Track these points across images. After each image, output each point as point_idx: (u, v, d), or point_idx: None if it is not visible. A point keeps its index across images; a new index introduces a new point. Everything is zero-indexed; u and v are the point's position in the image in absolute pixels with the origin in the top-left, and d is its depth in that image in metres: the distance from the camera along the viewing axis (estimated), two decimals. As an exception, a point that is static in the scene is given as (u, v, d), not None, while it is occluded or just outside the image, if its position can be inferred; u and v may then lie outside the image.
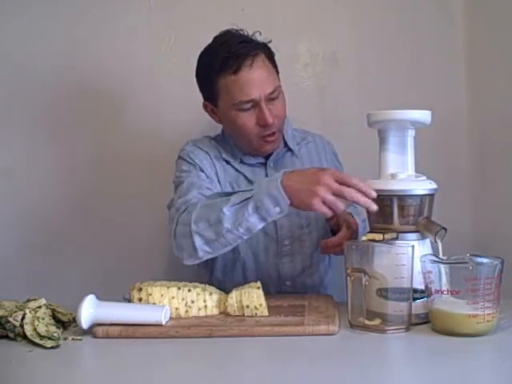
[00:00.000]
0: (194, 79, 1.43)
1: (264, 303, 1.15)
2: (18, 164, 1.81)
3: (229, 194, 1.21)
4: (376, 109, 1.17)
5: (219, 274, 1.46)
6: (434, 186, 1.14)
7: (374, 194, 1.08)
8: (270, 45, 1.40)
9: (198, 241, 1.20)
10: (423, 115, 1.15)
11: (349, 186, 1.08)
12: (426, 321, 1.08)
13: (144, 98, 1.81)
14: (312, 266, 1.45)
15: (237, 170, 1.44)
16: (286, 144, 1.48)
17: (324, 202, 1.08)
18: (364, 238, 1.11)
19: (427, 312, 1.07)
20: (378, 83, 1.80)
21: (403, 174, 1.15)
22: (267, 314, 1.14)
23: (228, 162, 1.44)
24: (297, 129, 1.56)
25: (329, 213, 1.09)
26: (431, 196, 1.14)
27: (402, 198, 1.12)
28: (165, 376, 0.92)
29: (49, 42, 1.79)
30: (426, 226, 1.11)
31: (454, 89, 1.81)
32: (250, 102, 1.33)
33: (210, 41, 1.41)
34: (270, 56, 1.39)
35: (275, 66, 1.41)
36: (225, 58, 1.32)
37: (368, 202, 1.08)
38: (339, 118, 1.81)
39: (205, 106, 1.44)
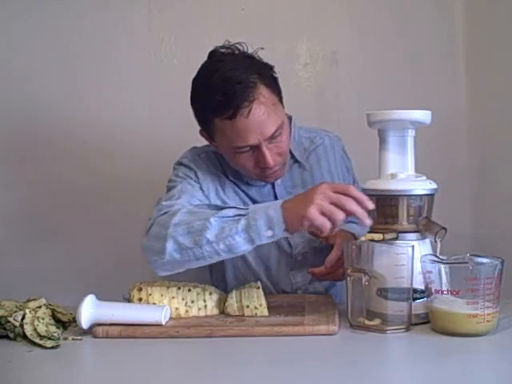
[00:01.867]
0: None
1: (264, 303, 1.15)
2: (19, 171, 1.82)
3: (220, 208, 1.13)
4: (376, 109, 1.17)
5: (233, 285, 1.39)
6: (434, 185, 1.14)
7: (372, 206, 1.04)
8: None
9: (170, 245, 1.11)
10: (423, 115, 1.15)
11: (347, 196, 1.03)
12: (426, 321, 1.07)
13: (144, 98, 1.81)
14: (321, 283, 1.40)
15: (243, 191, 1.36)
16: (293, 155, 1.38)
17: (323, 213, 1.02)
18: (364, 238, 1.11)
19: (427, 312, 1.07)
20: (378, 83, 1.80)
21: (403, 174, 1.15)
22: (267, 314, 1.14)
23: (235, 183, 1.36)
24: (301, 127, 1.46)
25: (326, 224, 1.02)
26: (431, 196, 1.14)
27: (402, 198, 1.12)
28: (165, 376, 0.91)
29: (48, 42, 1.79)
30: (426, 226, 1.11)
31: (454, 89, 1.81)
32: (247, 147, 1.22)
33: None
34: (272, 86, 1.25)
35: (278, 92, 1.27)
36: (220, 101, 1.18)
37: (364, 214, 1.03)
38: (339, 118, 1.81)
39: (201, 133, 1.33)
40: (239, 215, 1.08)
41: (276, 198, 1.35)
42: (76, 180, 1.82)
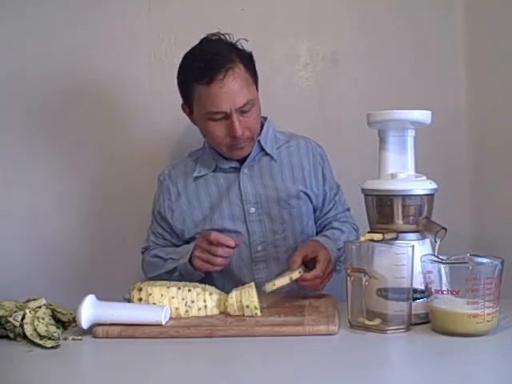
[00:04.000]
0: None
1: (257, 304, 1.15)
2: (18, 165, 1.81)
3: (165, 259, 1.45)
4: (376, 109, 1.17)
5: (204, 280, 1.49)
6: (434, 185, 1.14)
7: (232, 243, 1.28)
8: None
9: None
10: (423, 115, 1.15)
11: (215, 242, 1.27)
12: (426, 321, 1.08)
13: (144, 99, 1.81)
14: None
15: (208, 182, 1.50)
16: (263, 148, 1.49)
17: (204, 261, 1.30)
18: (363, 238, 1.11)
19: (427, 312, 1.07)
20: (378, 83, 1.80)
21: (403, 174, 1.15)
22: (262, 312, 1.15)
23: (198, 177, 1.50)
24: (283, 132, 1.56)
25: (210, 268, 1.30)
26: (431, 196, 1.14)
27: (402, 197, 1.12)
28: (165, 376, 0.92)
29: (48, 43, 1.79)
30: (426, 226, 1.11)
31: (454, 89, 1.81)
32: (220, 114, 1.36)
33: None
34: (249, 67, 1.40)
35: (254, 75, 1.42)
36: (200, 67, 1.34)
37: (229, 251, 1.29)
38: (339, 118, 1.81)
39: (183, 108, 1.48)
40: (174, 268, 1.39)
41: (239, 185, 1.46)
42: (75, 181, 1.82)
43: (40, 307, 1.10)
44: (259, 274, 1.45)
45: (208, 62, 1.34)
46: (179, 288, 1.16)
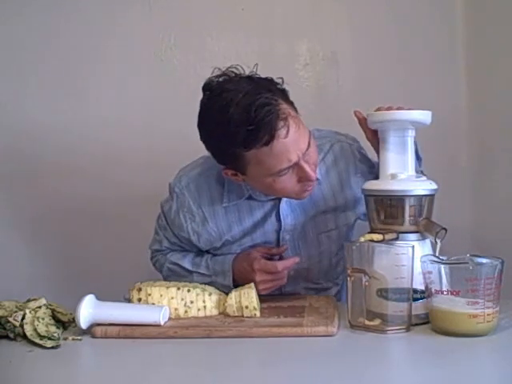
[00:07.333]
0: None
1: (257, 305, 1.15)
2: (19, 173, 1.82)
3: (191, 271, 1.34)
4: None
5: None
6: (434, 186, 1.14)
7: (297, 259, 1.26)
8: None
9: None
10: (423, 115, 1.15)
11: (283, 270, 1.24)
12: (426, 321, 1.07)
13: (143, 99, 1.81)
14: (319, 292, 1.39)
15: (240, 209, 1.32)
16: None
17: (269, 288, 1.25)
18: (363, 239, 1.11)
19: (427, 312, 1.07)
20: (378, 83, 1.80)
21: (403, 174, 1.15)
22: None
23: (227, 207, 1.32)
24: (314, 133, 1.27)
25: (275, 287, 1.27)
26: (431, 196, 1.14)
27: (402, 198, 1.12)
28: (163, 376, 0.91)
29: (47, 42, 1.79)
30: (426, 227, 1.11)
31: (454, 89, 1.81)
32: (289, 168, 1.15)
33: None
34: (286, 96, 1.18)
35: (292, 102, 1.20)
36: (251, 131, 1.09)
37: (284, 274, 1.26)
38: (339, 118, 1.80)
39: (225, 172, 1.24)
40: (207, 283, 1.26)
41: (278, 214, 1.31)
42: (76, 181, 1.82)
43: (40, 307, 1.10)
44: (285, 287, 1.33)
45: (259, 122, 1.08)
46: (178, 288, 1.16)
